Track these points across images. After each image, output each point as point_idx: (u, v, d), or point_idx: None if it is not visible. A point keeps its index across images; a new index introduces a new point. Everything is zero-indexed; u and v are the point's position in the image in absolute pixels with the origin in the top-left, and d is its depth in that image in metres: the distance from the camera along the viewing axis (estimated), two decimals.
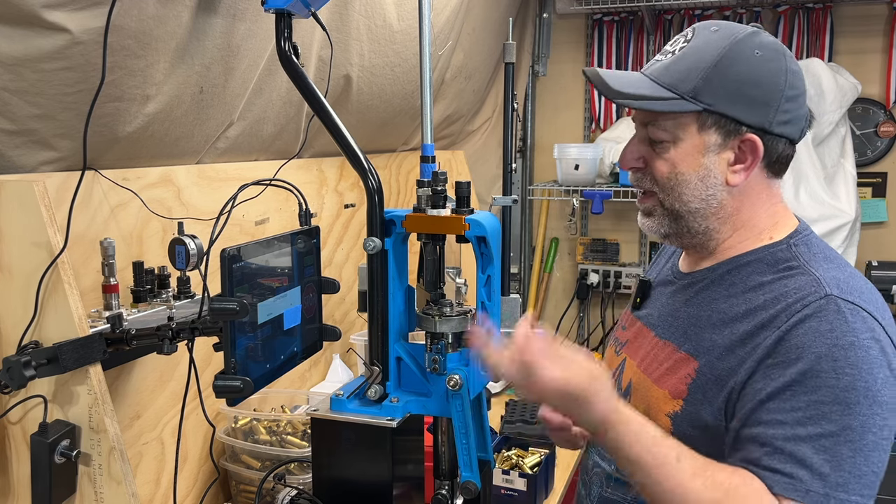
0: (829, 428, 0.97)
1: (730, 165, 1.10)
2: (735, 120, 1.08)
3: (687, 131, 1.09)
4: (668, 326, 1.21)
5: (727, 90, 1.06)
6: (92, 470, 1.23)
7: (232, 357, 1.14)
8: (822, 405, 0.97)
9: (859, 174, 3.00)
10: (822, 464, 0.96)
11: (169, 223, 1.55)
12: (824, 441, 0.96)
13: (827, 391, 0.97)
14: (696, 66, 1.07)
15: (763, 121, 1.08)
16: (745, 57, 1.07)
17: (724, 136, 1.09)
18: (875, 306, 1.03)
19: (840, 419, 0.96)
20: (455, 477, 1.26)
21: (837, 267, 1.09)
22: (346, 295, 2.33)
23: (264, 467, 1.67)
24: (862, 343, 0.98)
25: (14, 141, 1.27)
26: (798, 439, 0.97)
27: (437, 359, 1.19)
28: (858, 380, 0.97)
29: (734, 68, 1.07)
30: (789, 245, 1.12)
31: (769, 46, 1.09)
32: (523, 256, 3.65)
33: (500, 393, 2.65)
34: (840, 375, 0.97)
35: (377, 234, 1.18)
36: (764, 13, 3.16)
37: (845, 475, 0.96)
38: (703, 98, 1.07)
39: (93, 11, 1.21)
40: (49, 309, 1.22)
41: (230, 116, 1.70)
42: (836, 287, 1.03)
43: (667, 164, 1.12)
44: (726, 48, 1.07)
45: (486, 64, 3.08)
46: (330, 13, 1.87)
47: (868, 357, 0.98)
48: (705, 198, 1.11)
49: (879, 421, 0.97)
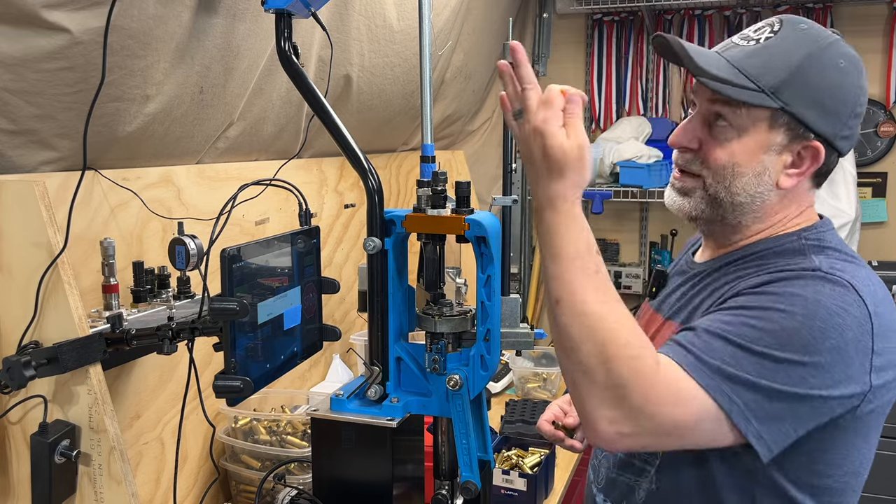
0: (753, 347, 0.97)
1: (785, 168, 1.10)
2: (806, 125, 1.07)
3: (757, 125, 1.07)
4: (674, 308, 1.23)
5: (807, 94, 1.05)
6: (92, 470, 1.23)
7: (232, 357, 1.14)
8: (756, 329, 0.97)
9: (859, 174, 3.00)
10: (728, 362, 0.96)
11: (169, 223, 1.55)
12: (738, 351, 0.97)
13: (770, 323, 0.97)
14: (781, 62, 1.06)
15: (830, 131, 1.07)
16: (830, 64, 1.06)
17: (790, 139, 1.08)
18: (869, 291, 1.02)
19: (767, 349, 0.96)
20: (455, 477, 1.26)
21: (844, 259, 1.08)
22: (346, 295, 2.33)
23: (264, 467, 1.67)
24: (829, 305, 0.97)
25: (14, 141, 1.27)
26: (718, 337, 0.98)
27: (437, 359, 1.19)
28: (805, 331, 0.96)
29: (818, 73, 1.06)
30: (800, 237, 1.12)
31: (852, 59, 1.08)
32: (523, 256, 3.65)
33: (500, 393, 2.65)
34: (789, 318, 0.97)
35: (377, 234, 1.18)
36: (764, 13, 3.16)
37: (744, 380, 0.96)
38: (782, 96, 1.05)
39: (93, 11, 1.21)
40: (49, 309, 1.22)
41: (230, 116, 1.70)
42: (829, 266, 1.03)
43: (726, 152, 1.09)
44: (813, 51, 1.06)
45: (486, 64, 3.08)
46: (330, 13, 1.87)
47: (828, 319, 0.97)
48: (754, 194, 1.10)
49: (801, 372, 0.96)
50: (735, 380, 0.96)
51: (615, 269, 3.44)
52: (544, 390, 2.61)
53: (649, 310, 1.33)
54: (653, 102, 3.39)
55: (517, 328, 1.33)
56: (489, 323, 1.19)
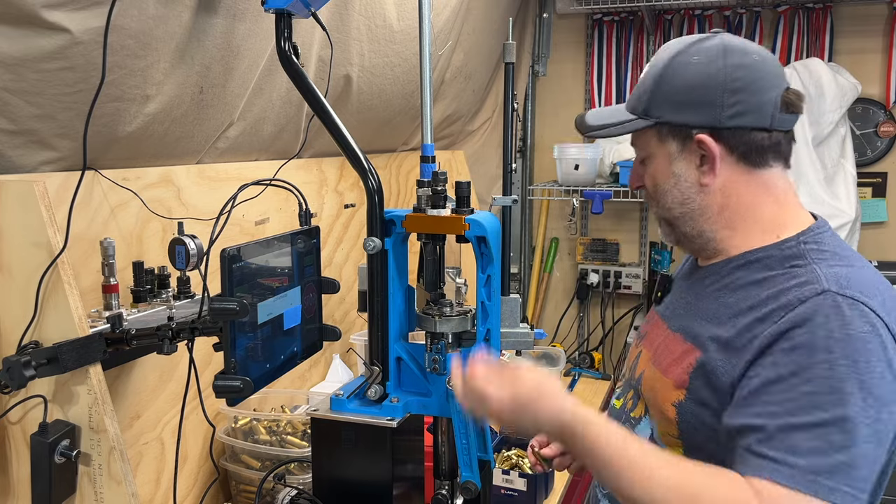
0: (822, 416, 0.96)
1: (698, 167, 1.15)
2: (685, 125, 1.14)
3: (651, 145, 1.18)
4: (679, 318, 1.23)
5: (669, 101, 1.14)
6: (92, 470, 1.23)
7: (232, 357, 1.14)
8: (815, 395, 0.97)
9: (859, 174, 3.00)
10: (813, 451, 0.95)
11: (169, 223, 1.55)
12: (817, 430, 0.96)
13: (821, 382, 0.97)
14: (644, 87, 1.18)
15: (711, 119, 1.12)
16: (681, 66, 1.14)
17: (680, 143, 1.15)
18: (880, 301, 1.02)
19: (834, 409, 0.96)
20: (455, 477, 1.26)
21: (847, 264, 1.08)
22: (346, 295, 2.33)
23: (264, 467, 1.67)
24: (858, 335, 0.98)
25: (14, 141, 1.27)
26: (790, 428, 0.97)
27: (437, 359, 1.19)
28: (853, 371, 0.96)
29: (672, 79, 1.14)
30: (799, 242, 1.12)
31: (707, 50, 1.14)
32: (523, 256, 3.65)
33: None
34: (834, 367, 0.97)
35: (377, 234, 1.18)
36: (764, 13, 3.16)
37: (836, 462, 0.94)
38: (653, 113, 1.16)
39: (93, 11, 1.21)
40: (49, 309, 1.22)
41: (230, 116, 1.70)
42: (836, 283, 1.03)
43: (650, 178, 1.20)
44: (666, 63, 1.15)
45: (486, 64, 3.08)
46: (330, 13, 1.87)
47: (865, 349, 0.97)
48: (683, 201, 1.17)
49: (874, 413, 0.96)
50: (834, 470, 0.95)
51: (615, 269, 3.45)
52: None
53: (654, 315, 1.33)
54: None
55: (517, 328, 1.33)
56: (489, 323, 1.19)
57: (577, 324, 3.61)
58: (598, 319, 3.54)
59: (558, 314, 3.60)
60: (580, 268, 3.52)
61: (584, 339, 3.59)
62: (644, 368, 1.26)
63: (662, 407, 1.16)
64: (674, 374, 1.15)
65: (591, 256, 3.52)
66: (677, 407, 1.13)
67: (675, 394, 1.14)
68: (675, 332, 1.21)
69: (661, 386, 1.18)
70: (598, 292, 3.52)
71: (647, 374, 1.24)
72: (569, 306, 3.58)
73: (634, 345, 1.38)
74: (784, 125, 1.14)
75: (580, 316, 3.59)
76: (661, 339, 1.24)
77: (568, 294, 3.60)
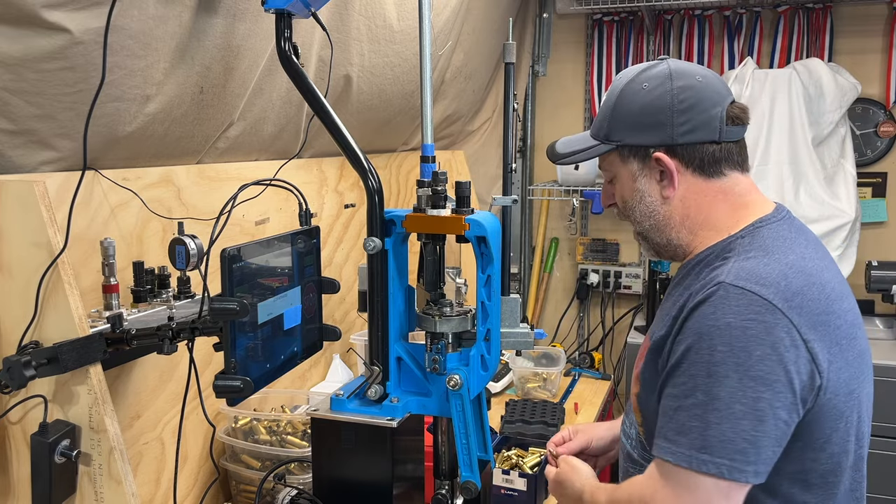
0: (700, 398, 1.07)
1: (659, 182, 1.24)
2: (643, 146, 1.24)
3: (616, 166, 1.29)
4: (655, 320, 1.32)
5: (627, 124, 1.25)
6: (92, 470, 1.23)
7: (232, 357, 1.14)
8: (696, 377, 1.08)
9: (859, 174, 3.00)
10: (693, 429, 1.07)
11: (169, 223, 1.55)
12: (696, 409, 1.07)
13: (701, 366, 1.08)
14: (604, 114, 1.28)
15: (666, 138, 1.22)
16: (633, 93, 1.25)
17: (641, 161, 1.25)
18: (776, 288, 1.08)
19: (709, 390, 1.07)
20: (455, 477, 1.26)
21: (762, 256, 1.14)
22: (346, 295, 2.33)
23: (264, 467, 1.67)
24: (739, 323, 1.07)
25: (14, 141, 1.27)
26: (679, 409, 1.10)
27: (437, 359, 1.19)
28: (729, 356, 1.06)
29: (627, 105, 1.25)
30: (738, 237, 1.20)
31: (655, 77, 1.24)
32: (523, 256, 3.65)
33: (500, 393, 2.65)
34: (713, 352, 1.07)
35: (377, 234, 1.18)
36: (764, 13, 3.16)
37: (710, 439, 1.05)
38: (613, 137, 1.26)
39: (93, 11, 1.21)
40: (49, 309, 1.22)
41: (230, 116, 1.70)
42: (733, 275, 1.11)
43: (618, 196, 1.31)
44: (620, 90, 1.26)
45: (486, 64, 3.08)
46: (330, 13, 1.87)
47: (744, 336, 1.06)
48: (649, 214, 1.26)
49: (751, 393, 1.05)
50: (708, 444, 1.06)
51: (615, 268, 3.45)
52: (544, 390, 2.61)
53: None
54: None
55: (517, 328, 1.33)
56: (489, 323, 1.19)
57: (577, 324, 3.61)
58: (598, 319, 3.54)
59: (558, 314, 3.61)
60: (580, 268, 3.52)
61: (584, 339, 3.59)
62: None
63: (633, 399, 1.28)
64: (637, 369, 1.26)
65: (591, 256, 3.53)
66: (637, 398, 1.25)
67: (635, 387, 1.26)
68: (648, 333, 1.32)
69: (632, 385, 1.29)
70: (598, 292, 3.52)
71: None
72: (569, 306, 3.58)
73: None
74: (732, 136, 1.23)
75: (580, 316, 3.59)
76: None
77: (568, 294, 3.60)
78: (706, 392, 1.07)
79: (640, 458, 1.27)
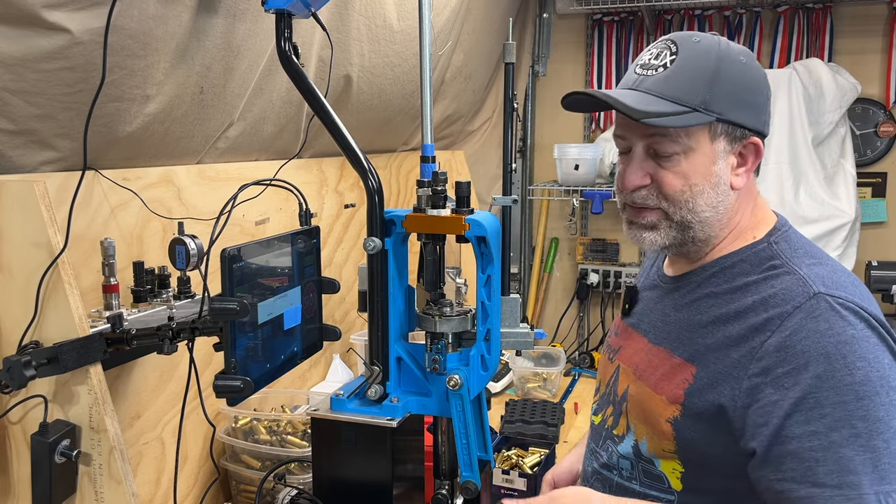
0: (860, 425, 0.97)
1: (733, 169, 1.12)
2: (741, 126, 1.10)
3: (700, 142, 1.10)
4: (660, 332, 1.21)
5: (731, 98, 1.09)
6: (92, 470, 1.23)
7: (232, 357, 1.14)
8: (846, 404, 0.98)
9: (859, 174, 3.00)
10: (865, 462, 0.96)
11: (169, 223, 1.55)
12: (860, 440, 0.97)
13: (846, 389, 0.98)
14: (697, 78, 1.08)
15: (759, 123, 1.12)
16: (735, 64, 1.10)
17: (730, 142, 1.11)
18: (861, 297, 1.05)
19: (867, 413, 0.97)
20: (455, 477, 1.26)
21: (819, 262, 1.10)
22: (346, 295, 2.33)
23: (264, 467, 1.67)
24: (862, 335, 1.00)
25: (14, 141, 1.27)
26: (836, 445, 0.98)
27: (437, 359, 1.19)
28: (871, 370, 0.98)
29: (731, 76, 1.09)
30: (769, 243, 1.13)
31: (746, 53, 1.13)
32: (523, 256, 3.65)
33: (500, 393, 2.65)
34: (853, 370, 0.98)
35: (377, 234, 1.18)
36: (764, 13, 3.16)
37: (886, 466, 0.96)
38: (713, 108, 1.08)
39: (93, 11, 1.21)
40: (49, 309, 1.22)
41: (230, 116, 1.70)
42: (822, 284, 1.04)
43: (679, 177, 1.11)
44: (718, 58, 1.10)
45: (486, 64, 3.08)
46: (330, 13, 1.87)
47: (871, 346, 1.00)
48: (715, 205, 1.12)
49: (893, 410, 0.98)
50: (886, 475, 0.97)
51: (615, 268, 3.45)
52: (544, 390, 2.61)
53: (627, 328, 1.31)
54: None
55: (517, 328, 1.33)
56: (489, 323, 1.19)
57: (577, 324, 3.61)
58: (598, 319, 3.54)
59: (558, 314, 3.60)
60: (580, 268, 3.52)
61: (584, 338, 3.59)
62: (628, 385, 1.25)
63: (656, 423, 1.15)
64: (666, 390, 1.15)
65: (591, 256, 3.53)
66: (673, 423, 1.13)
67: (670, 409, 1.13)
68: (658, 346, 1.20)
69: (652, 403, 1.17)
70: (598, 292, 3.52)
71: (632, 390, 1.23)
72: (569, 306, 3.58)
73: (607, 359, 1.35)
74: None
75: (580, 316, 3.59)
76: (642, 354, 1.23)
77: (568, 294, 3.60)
78: (863, 417, 0.97)
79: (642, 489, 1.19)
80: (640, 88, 1.12)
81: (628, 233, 1.20)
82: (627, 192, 1.16)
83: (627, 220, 1.20)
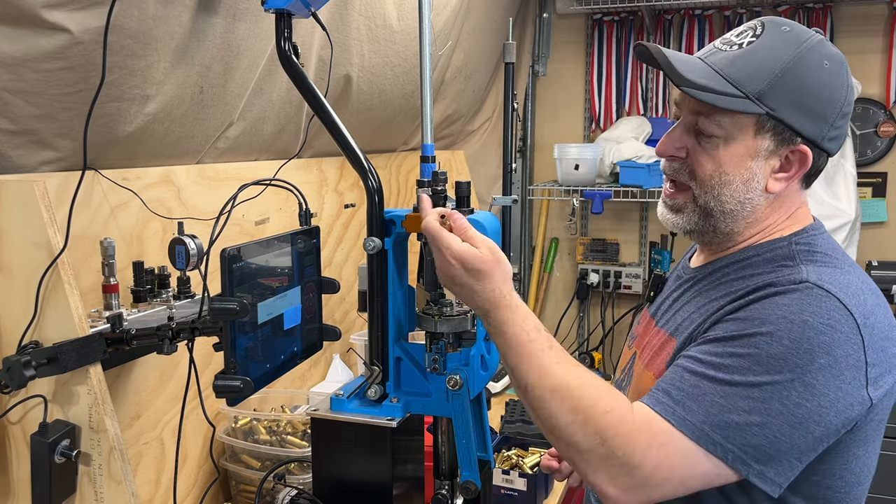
0: (736, 379, 0.96)
1: (773, 172, 1.08)
2: (792, 129, 1.05)
3: (743, 132, 1.06)
4: (666, 316, 1.22)
5: (792, 98, 1.04)
6: (92, 470, 1.23)
7: (232, 357, 1.14)
8: (741, 358, 0.96)
9: (859, 174, 3.00)
10: (714, 404, 0.96)
11: (169, 223, 1.55)
12: (726, 388, 0.96)
13: (753, 352, 0.96)
14: (765, 67, 1.04)
15: (817, 134, 1.06)
16: (815, 66, 1.05)
17: (777, 143, 1.06)
18: (857, 301, 0.99)
19: (750, 377, 0.95)
20: (455, 477, 1.26)
21: (834, 266, 1.06)
22: (346, 295, 2.33)
23: (264, 467, 1.67)
24: (815, 324, 0.96)
25: (14, 141, 1.27)
26: (706, 378, 0.97)
27: (437, 359, 1.19)
28: (791, 354, 0.95)
29: (803, 76, 1.04)
30: (790, 243, 1.10)
31: (836, 59, 1.07)
32: (523, 256, 3.65)
33: (500, 393, 2.65)
34: (774, 343, 0.95)
35: (377, 234, 1.18)
36: (764, 13, 3.16)
37: (730, 422, 0.95)
38: (768, 102, 1.04)
39: (93, 11, 1.21)
40: (49, 309, 1.22)
41: (230, 116, 1.70)
42: (818, 277, 1.01)
43: (712, 161, 1.08)
44: (798, 54, 1.04)
45: (486, 64, 3.08)
46: (330, 13, 1.87)
47: (815, 338, 0.95)
48: (743, 201, 1.09)
49: (796, 398, 0.94)
50: (726, 426, 0.95)
51: (615, 268, 3.45)
52: None
53: (646, 315, 1.32)
54: (653, 102, 3.39)
55: None
56: None
57: (577, 324, 3.61)
58: (598, 319, 3.54)
59: (558, 314, 3.61)
60: (580, 268, 3.52)
61: (584, 338, 3.59)
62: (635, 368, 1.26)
63: None
64: (654, 366, 1.16)
65: (591, 256, 3.53)
66: None
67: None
68: (660, 328, 1.21)
69: (644, 381, 1.17)
70: (598, 292, 3.52)
71: (636, 372, 1.24)
72: (569, 306, 3.58)
73: (627, 346, 1.37)
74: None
75: (580, 316, 3.59)
76: (649, 338, 1.24)
77: (568, 294, 3.60)
78: (746, 376, 0.95)
79: None
80: (707, 60, 1.08)
81: (659, 212, 1.20)
82: (665, 162, 1.15)
83: (662, 199, 1.19)
